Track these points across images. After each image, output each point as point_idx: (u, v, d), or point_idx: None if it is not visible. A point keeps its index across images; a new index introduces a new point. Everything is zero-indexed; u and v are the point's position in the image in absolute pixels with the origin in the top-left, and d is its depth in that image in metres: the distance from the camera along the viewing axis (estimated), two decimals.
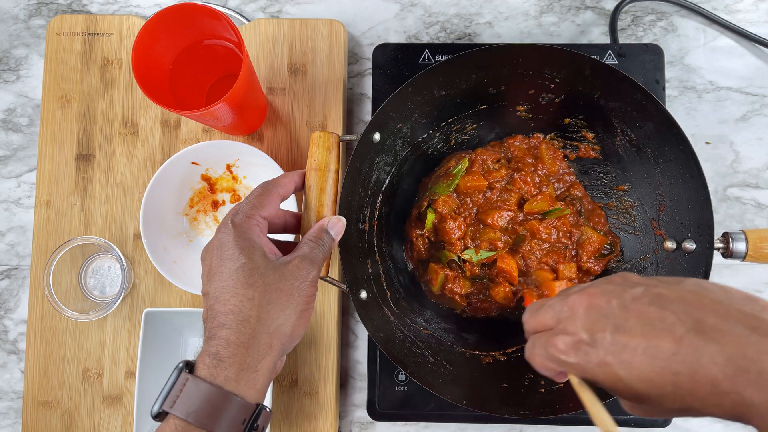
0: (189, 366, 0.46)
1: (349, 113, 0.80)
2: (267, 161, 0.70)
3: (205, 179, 0.75)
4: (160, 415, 0.45)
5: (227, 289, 0.47)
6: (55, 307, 0.71)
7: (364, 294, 0.63)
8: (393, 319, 0.66)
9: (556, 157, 0.73)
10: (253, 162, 0.74)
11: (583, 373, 0.40)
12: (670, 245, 0.65)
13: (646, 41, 0.80)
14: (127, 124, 0.77)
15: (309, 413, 0.73)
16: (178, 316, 0.72)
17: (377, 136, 0.63)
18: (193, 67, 0.70)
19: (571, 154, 0.73)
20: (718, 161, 0.78)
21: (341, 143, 0.60)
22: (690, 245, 0.62)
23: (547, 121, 0.72)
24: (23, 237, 0.80)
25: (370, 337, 0.73)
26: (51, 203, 0.76)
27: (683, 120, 0.78)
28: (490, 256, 0.70)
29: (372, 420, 0.73)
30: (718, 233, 0.60)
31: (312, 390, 0.73)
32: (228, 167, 0.75)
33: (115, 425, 0.74)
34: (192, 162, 0.72)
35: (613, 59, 0.75)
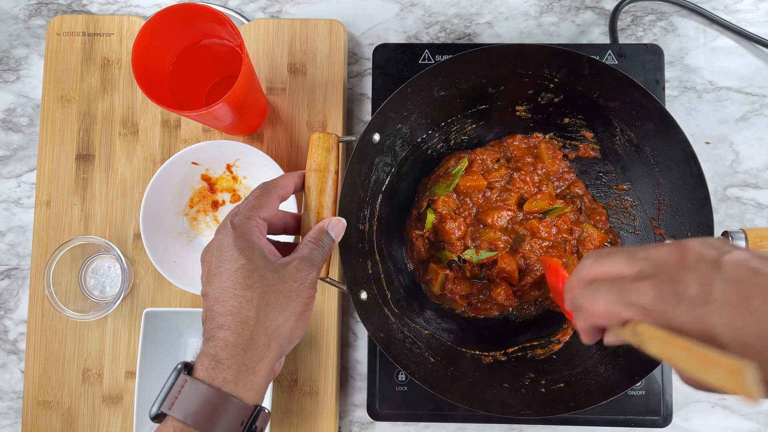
0: (188, 367, 0.46)
1: (349, 113, 0.80)
2: (267, 161, 0.70)
3: (205, 179, 0.75)
4: (158, 417, 0.45)
5: (226, 290, 0.47)
6: (55, 307, 0.71)
7: (364, 294, 0.63)
8: (393, 320, 0.66)
9: (555, 157, 0.72)
10: (253, 162, 0.74)
11: (667, 322, 0.37)
12: None
13: (646, 41, 0.79)
14: (127, 124, 0.77)
15: (309, 413, 0.73)
16: (178, 316, 0.72)
17: (377, 136, 0.63)
18: (193, 67, 0.70)
19: (571, 153, 0.73)
20: (718, 161, 0.78)
21: (341, 144, 0.60)
22: None
23: (547, 121, 0.72)
24: (23, 237, 0.80)
25: (370, 337, 0.73)
26: (51, 203, 0.76)
27: (683, 120, 0.78)
28: (490, 256, 0.70)
29: (372, 420, 0.73)
30: (717, 233, 0.60)
31: (312, 390, 0.73)
32: (228, 167, 0.75)
33: (115, 425, 0.74)
34: (192, 162, 0.72)
35: (613, 59, 0.75)
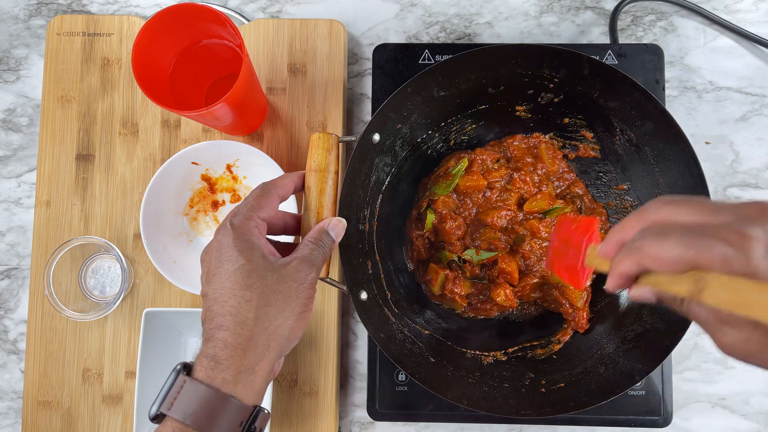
0: (187, 368, 0.46)
1: (349, 113, 0.80)
2: (267, 161, 0.70)
3: (205, 179, 0.75)
4: (157, 417, 0.45)
5: (225, 291, 0.47)
6: (55, 307, 0.71)
7: (364, 295, 0.63)
8: (393, 320, 0.66)
9: (555, 157, 0.72)
10: (253, 162, 0.74)
11: (750, 272, 0.36)
12: None
13: (646, 41, 0.79)
14: (127, 124, 0.77)
15: (309, 413, 0.73)
16: (178, 316, 0.72)
17: (377, 136, 0.63)
18: (193, 67, 0.70)
19: (571, 153, 0.73)
20: (718, 161, 0.78)
21: (341, 144, 0.60)
22: None
23: (547, 121, 0.72)
24: (23, 237, 0.80)
25: (370, 337, 0.73)
26: (51, 203, 0.76)
27: (683, 120, 0.78)
28: (490, 256, 0.70)
29: (372, 420, 0.73)
30: None
31: (312, 390, 0.73)
32: (228, 167, 0.75)
33: (115, 425, 0.74)
34: (192, 162, 0.72)
35: (613, 59, 0.75)
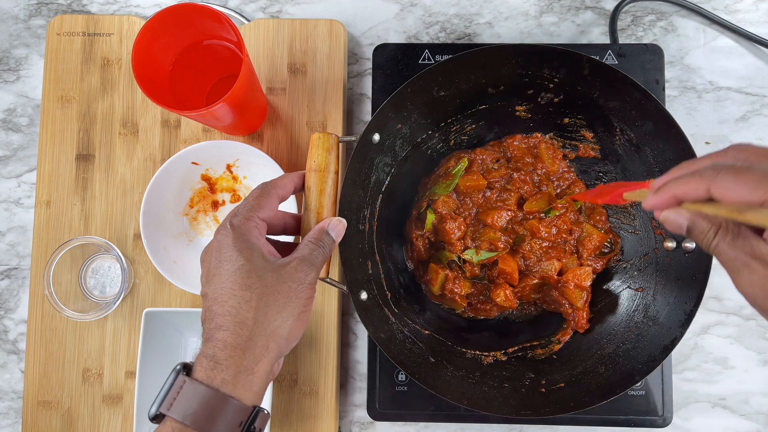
0: (186, 368, 0.46)
1: (349, 113, 0.80)
2: (267, 161, 0.70)
3: (205, 179, 0.75)
4: (157, 417, 0.45)
5: (225, 291, 0.47)
6: (55, 307, 0.71)
7: (364, 295, 0.63)
8: (393, 320, 0.66)
9: (555, 157, 0.72)
10: (253, 162, 0.74)
11: None
12: (669, 244, 0.65)
13: (646, 41, 0.79)
14: (127, 124, 0.77)
15: (309, 413, 0.73)
16: (178, 316, 0.72)
17: (377, 136, 0.63)
18: (193, 67, 0.70)
19: (571, 153, 0.73)
20: None
21: (341, 144, 0.59)
22: (689, 244, 0.62)
23: (547, 121, 0.72)
24: (23, 237, 0.80)
25: (370, 337, 0.73)
26: (51, 203, 0.76)
27: (683, 120, 0.78)
28: (490, 256, 0.70)
29: (372, 420, 0.73)
30: None
31: (312, 390, 0.73)
32: (228, 167, 0.75)
33: (115, 425, 0.74)
34: (192, 162, 0.72)
35: (613, 59, 0.75)
